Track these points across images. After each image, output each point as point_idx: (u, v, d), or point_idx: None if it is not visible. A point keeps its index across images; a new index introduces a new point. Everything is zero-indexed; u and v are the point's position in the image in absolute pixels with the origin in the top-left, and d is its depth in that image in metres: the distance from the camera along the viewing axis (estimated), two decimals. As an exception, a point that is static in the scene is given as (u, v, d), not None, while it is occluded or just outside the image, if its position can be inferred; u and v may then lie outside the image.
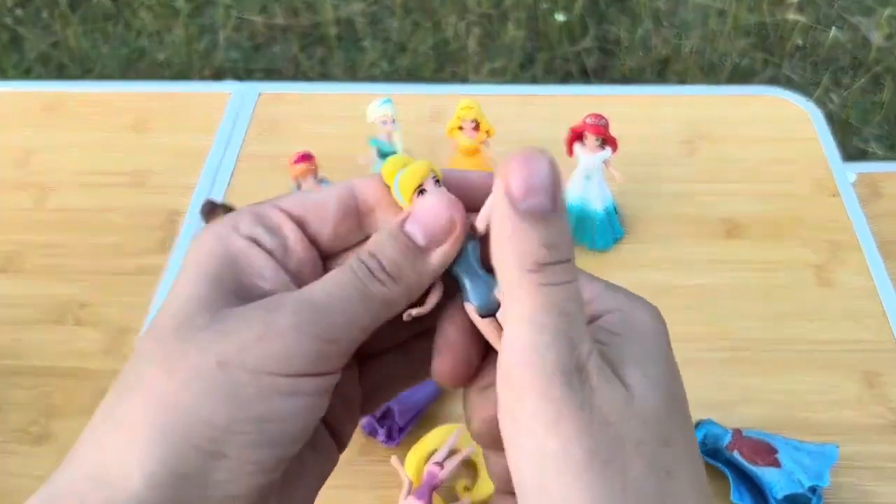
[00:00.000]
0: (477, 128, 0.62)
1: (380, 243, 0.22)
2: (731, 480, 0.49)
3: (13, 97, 0.81)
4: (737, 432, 0.50)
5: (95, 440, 0.20)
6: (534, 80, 1.59)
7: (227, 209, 0.54)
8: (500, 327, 0.23)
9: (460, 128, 0.62)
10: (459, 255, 0.23)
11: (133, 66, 1.61)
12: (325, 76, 1.58)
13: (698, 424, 0.51)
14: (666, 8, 1.69)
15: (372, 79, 1.57)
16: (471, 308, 0.23)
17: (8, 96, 0.82)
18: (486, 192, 0.22)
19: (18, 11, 1.72)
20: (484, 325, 0.23)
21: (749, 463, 0.49)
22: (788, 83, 1.53)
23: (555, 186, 0.20)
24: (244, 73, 1.60)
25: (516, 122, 0.76)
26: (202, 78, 1.57)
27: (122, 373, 0.21)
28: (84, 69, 1.60)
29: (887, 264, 0.63)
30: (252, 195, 0.69)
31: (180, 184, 0.71)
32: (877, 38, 1.59)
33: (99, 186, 0.72)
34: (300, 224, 0.23)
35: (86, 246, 0.67)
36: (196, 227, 0.67)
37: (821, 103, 1.48)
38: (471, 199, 0.23)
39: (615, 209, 0.65)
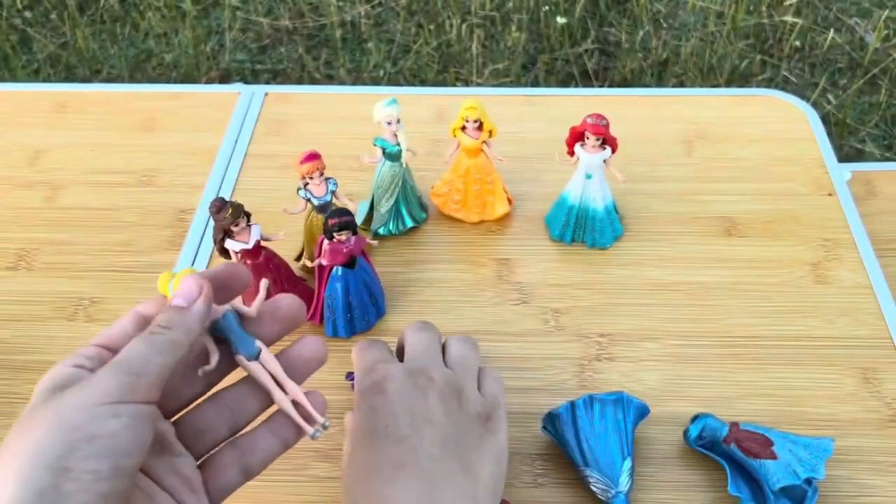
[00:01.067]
0: (480, 128, 0.63)
1: (155, 318, 0.35)
2: (728, 472, 0.50)
3: (23, 97, 0.83)
4: (734, 425, 0.51)
5: None
6: (535, 82, 1.60)
7: (236, 207, 0.55)
8: (264, 370, 0.38)
9: (463, 128, 0.63)
10: (225, 325, 0.38)
11: (141, 68, 1.62)
12: (330, 77, 1.59)
13: (696, 418, 0.52)
14: (665, 10, 1.70)
15: (376, 80, 1.58)
16: (240, 357, 0.38)
17: (18, 96, 0.83)
18: (230, 278, 0.38)
19: (27, 13, 1.73)
20: (250, 368, 0.39)
21: (746, 455, 0.50)
22: (786, 84, 1.54)
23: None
24: (250, 75, 1.61)
25: (518, 123, 0.77)
26: (209, 79, 1.59)
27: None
28: (92, 70, 1.61)
29: (882, 262, 0.64)
30: (260, 193, 0.70)
31: (189, 183, 0.72)
32: (874, 40, 1.61)
33: (108, 185, 0.73)
34: (109, 348, 0.35)
35: (96, 244, 0.68)
36: (205, 224, 0.68)
37: (818, 104, 1.49)
38: (227, 283, 0.38)
39: (615, 208, 0.66)
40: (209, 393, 0.39)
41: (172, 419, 0.38)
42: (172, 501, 0.35)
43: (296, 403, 0.39)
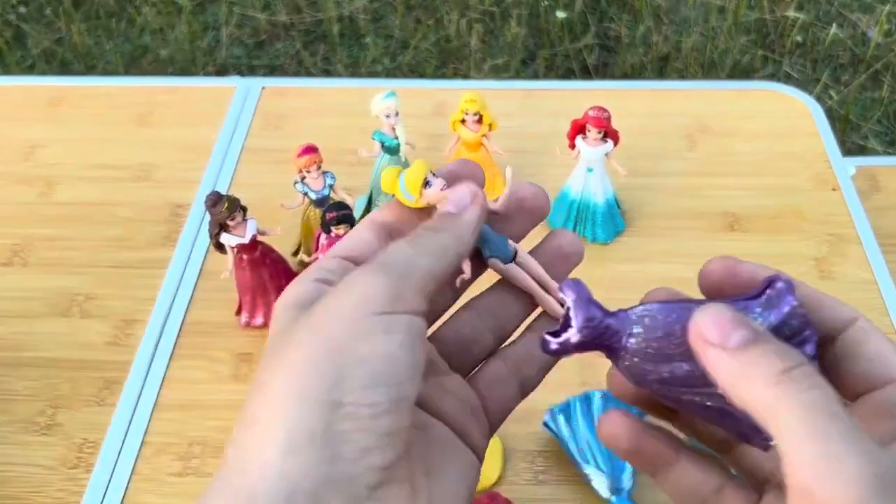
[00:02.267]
0: (480, 121, 0.62)
1: (421, 224, 0.27)
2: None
3: (18, 91, 0.82)
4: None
5: (236, 445, 0.23)
6: (535, 78, 1.59)
7: (232, 202, 0.54)
8: (521, 271, 0.29)
9: (463, 121, 0.63)
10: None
11: (136, 63, 1.61)
12: (327, 73, 1.59)
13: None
14: (666, 5, 1.69)
15: (374, 76, 1.57)
16: (493, 261, 0.29)
17: (13, 90, 0.82)
18: (468, 176, 0.28)
19: (22, 8, 1.72)
20: (508, 271, 0.29)
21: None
22: (788, 80, 1.53)
23: (742, 319, 0.22)
24: (247, 70, 1.60)
25: (518, 117, 0.76)
26: (205, 74, 1.58)
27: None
28: (87, 66, 1.60)
29: (887, 257, 0.63)
30: (256, 188, 0.70)
31: (185, 177, 0.72)
32: (876, 34, 1.60)
33: (104, 180, 0.72)
34: (351, 259, 0.27)
35: (91, 239, 0.67)
36: (201, 219, 0.68)
37: (820, 100, 1.49)
38: (458, 177, 0.28)
39: (617, 202, 0.66)
40: (460, 304, 0.31)
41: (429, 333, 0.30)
42: (451, 433, 0.27)
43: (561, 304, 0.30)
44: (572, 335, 0.24)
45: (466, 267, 0.29)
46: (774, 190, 0.69)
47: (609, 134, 0.61)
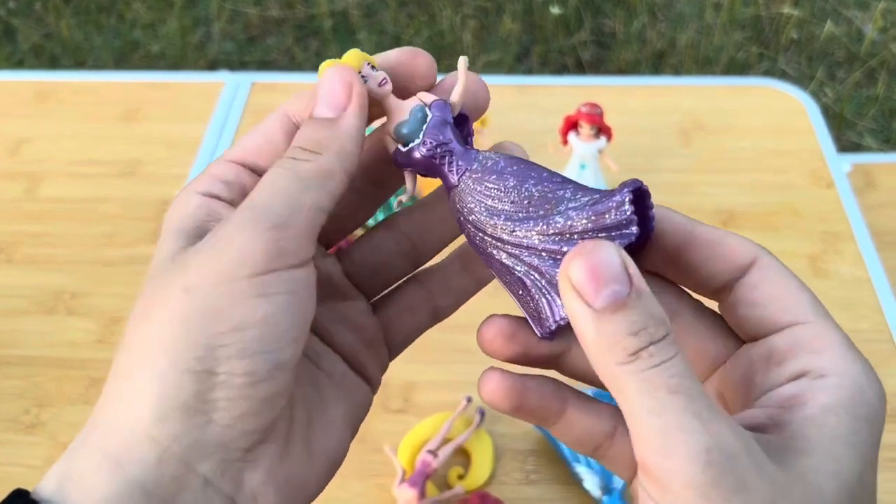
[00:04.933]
0: (472, 117, 0.62)
1: (297, 136, 0.24)
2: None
3: (5, 86, 0.81)
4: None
5: (105, 400, 0.22)
6: (529, 73, 1.59)
7: (220, 198, 0.53)
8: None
9: (455, 117, 0.62)
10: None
11: (127, 58, 1.60)
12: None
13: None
14: (661, 1, 1.69)
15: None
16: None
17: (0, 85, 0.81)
18: (416, 68, 0.25)
19: (11, 3, 1.70)
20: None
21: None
22: (783, 77, 1.53)
23: (625, 268, 0.20)
24: (238, 65, 1.59)
25: (511, 113, 0.75)
26: (196, 70, 1.57)
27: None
28: (77, 61, 1.59)
29: (882, 255, 0.63)
30: (245, 185, 0.69)
31: (173, 174, 0.71)
32: (871, 31, 1.60)
33: (91, 176, 0.71)
34: (252, 167, 0.24)
35: (77, 236, 0.66)
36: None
37: (815, 97, 1.48)
38: (407, 76, 0.25)
39: (610, 199, 0.65)
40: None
41: (333, 251, 0.28)
42: (343, 364, 0.26)
43: None
44: (417, 147, 0.24)
45: (410, 184, 0.25)
46: (769, 187, 0.69)
47: (602, 130, 0.60)
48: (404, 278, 0.28)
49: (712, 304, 0.25)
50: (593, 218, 0.21)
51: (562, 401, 0.24)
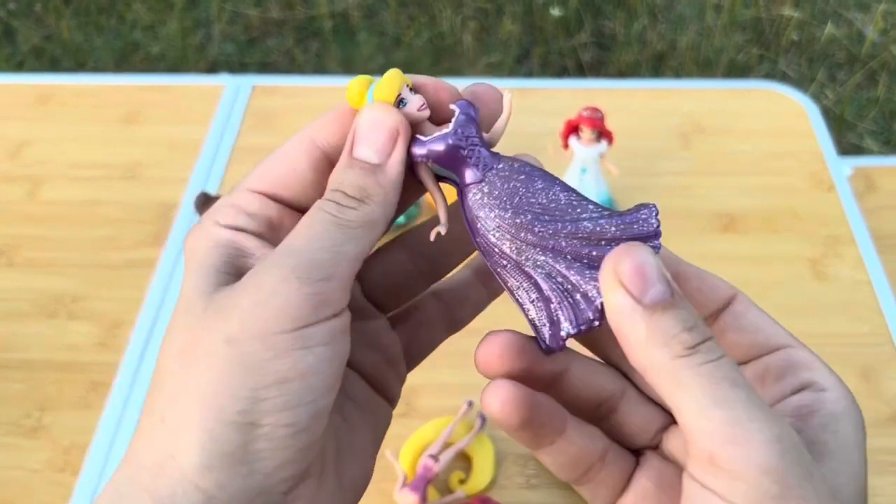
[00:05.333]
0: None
1: (338, 176, 0.23)
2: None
3: (5, 89, 0.81)
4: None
5: (146, 439, 0.21)
6: (530, 75, 1.59)
7: (222, 201, 0.53)
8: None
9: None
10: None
11: (127, 60, 1.60)
12: (320, 70, 1.58)
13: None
14: (662, 3, 1.69)
15: (367, 73, 1.56)
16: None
17: (0, 88, 0.81)
18: (454, 93, 0.24)
19: (11, 4, 1.70)
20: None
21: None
22: (784, 79, 1.53)
23: (666, 273, 0.20)
24: (239, 67, 1.59)
25: (512, 115, 0.75)
26: (196, 71, 1.57)
27: (154, 371, 0.22)
28: (77, 62, 1.59)
29: (882, 258, 0.63)
30: (246, 188, 0.69)
31: (174, 177, 0.71)
32: (871, 33, 1.60)
33: (92, 179, 0.71)
34: (276, 198, 0.23)
35: (78, 239, 0.66)
36: (190, 220, 0.67)
37: (816, 99, 1.49)
38: (444, 101, 0.24)
39: (611, 203, 0.65)
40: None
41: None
42: (366, 386, 0.25)
43: None
44: (439, 142, 0.23)
45: (443, 216, 0.24)
46: (770, 190, 0.69)
47: (603, 134, 0.60)
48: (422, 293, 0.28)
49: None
50: (622, 226, 0.22)
51: (563, 418, 0.23)
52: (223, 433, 0.20)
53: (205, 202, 0.53)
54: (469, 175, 0.23)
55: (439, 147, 0.23)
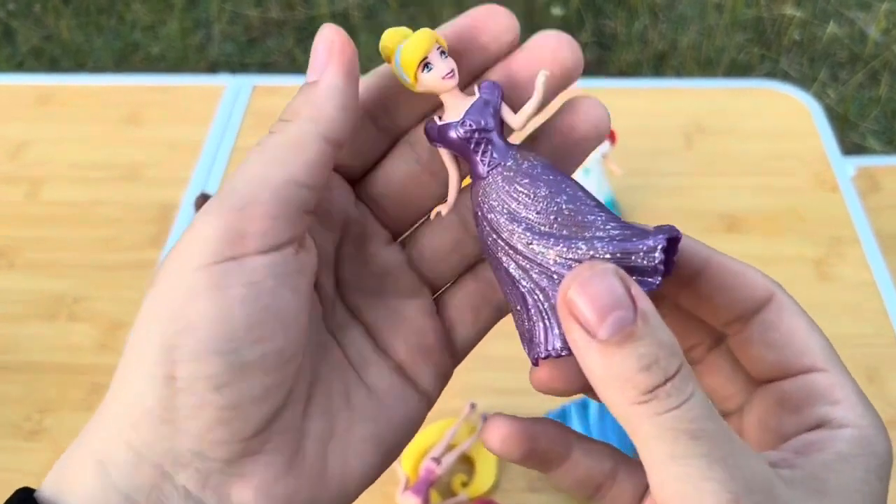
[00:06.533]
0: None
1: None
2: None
3: (5, 89, 0.80)
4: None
5: (107, 398, 0.21)
6: (530, 75, 1.58)
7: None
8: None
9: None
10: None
11: (127, 60, 1.60)
12: (320, 70, 1.57)
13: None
14: (663, 2, 1.68)
15: (368, 73, 1.56)
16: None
17: (0, 89, 0.81)
18: (491, 49, 0.22)
19: (11, 5, 1.70)
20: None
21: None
22: (785, 78, 1.53)
23: (627, 290, 0.18)
24: (239, 67, 1.59)
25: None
26: (197, 71, 1.56)
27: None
28: (77, 63, 1.59)
29: (887, 259, 0.62)
30: (247, 189, 0.69)
31: (174, 177, 0.71)
32: (874, 32, 1.59)
33: (92, 180, 0.71)
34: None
35: (79, 240, 0.66)
36: (190, 221, 0.66)
37: (818, 98, 1.48)
38: (478, 59, 0.23)
39: (614, 203, 0.65)
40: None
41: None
42: (394, 375, 0.24)
43: None
44: (455, 125, 0.22)
45: (452, 196, 0.23)
46: (773, 190, 0.68)
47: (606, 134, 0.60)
48: (463, 272, 0.25)
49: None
50: (619, 255, 0.20)
51: (566, 444, 0.22)
52: (143, 386, 0.19)
53: (204, 203, 0.53)
54: (475, 169, 0.22)
55: (447, 134, 0.22)
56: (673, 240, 0.20)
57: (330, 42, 0.21)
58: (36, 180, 0.71)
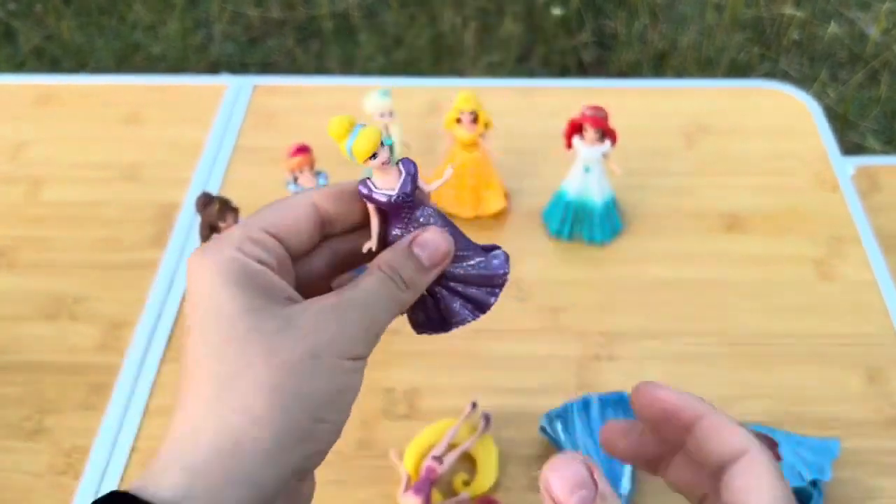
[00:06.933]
0: (475, 120, 0.61)
1: (398, 261, 0.29)
2: (732, 475, 0.49)
3: (5, 89, 0.80)
4: (737, 427, 0.50)
5: (219, 416, 0.25)
6: (531, 75, 1.58)
7: (223, 203, 0.53)
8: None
9: (458, 120, 0.62)
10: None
11: (128, 60, 1.60)
12: (320, 70, 1.57)
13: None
14: (663, 2, 1.68)
15: (368, 73, 1.56)
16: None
17: (0, 88, 0.81)
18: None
19: (12, 5, 1.70)
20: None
21: (750, 457, 0.48)
22: (785, 78, 1.53)
23: (592, 477, 0.25)
24: (239, 67, 1.59)
25: (514, 116, 0.75)
26: (197, 71, 1.56)
27: (191, 363, 0.26)
28: (78, 63, 1.59)
29: (887, 258, 0.63)
30: (248, 188, 0.68)
31: (175, 177, 0.71)
32: (874, 32, 1.59)
33: (93, 180, 0.71)
34: (281, 241, 0.29)
35: (79, 240, 0.66)
36: (191, 220, 0.67)
37: (818, 98, 1.48)
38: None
39: (614, 202, 0.65)
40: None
41: None
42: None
43: None
44: (381, 196, 0.30)
45: (374, 238, 0.31)
46: (773, 190, 0.68)
47: (607, 133, 0.60)
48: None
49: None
50: (486, 275, 0.31)
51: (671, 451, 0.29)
52: (301, 423, 0.26)
53: (207, 203, 0.53)
54: (393, 222, 0.31)
55: (380, 199, 0.30)
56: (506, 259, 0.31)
57: (448, 253, 0.31)
58: (36, 180, 0.71)
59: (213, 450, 0.24)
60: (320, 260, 0.31)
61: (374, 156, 0.29)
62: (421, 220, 0.30)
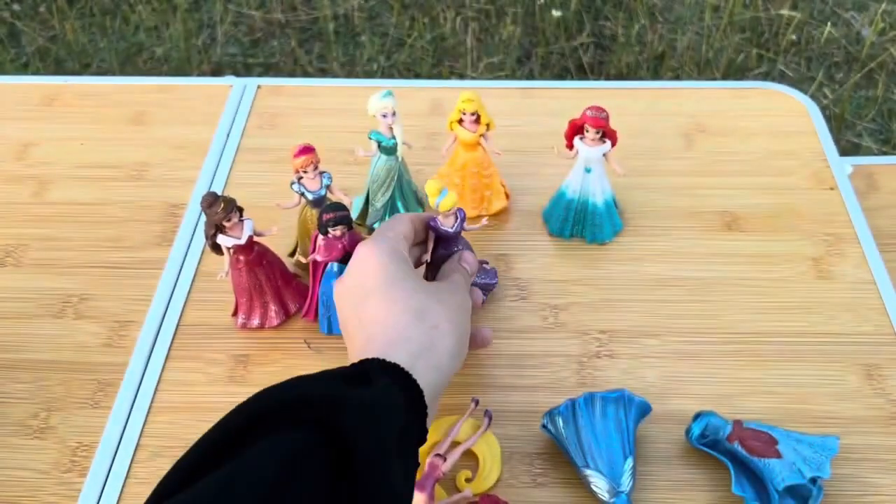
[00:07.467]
0: (478, 121, 0.62)
1: (473, 263, 0.53)
2: (731, 472, 0.49)
3: (11, 90, 0.81)
4: (737, 423, 0.50)
5: (422, 331, 0.44)
6: (530, 76, 1.59)
7: (228, 202, 0.54)
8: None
9: (460, 121, 0.62)
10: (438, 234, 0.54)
11: (131, 61, 1.60)
12: (322, 71, 1.58)
13: (699, 416, 0.51)
14: (661, 4, 1.69)
15: (369, 74, 1.56)
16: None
17: (6, 89, 0.81)
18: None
19: (16, 6, 1.71)
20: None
21: (750, 454, 0.49)
22: (783, 79, 1.53)
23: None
24: (242, 68, 1.59)
25: (516, 116, 0.76)
26: (200, 73, 1.57)
27: (384, 305, 0.45)
28: (82, 64, 1.59)
29: (885, 257, 0.63)
30: (253, 188, 0.69)
31: (180, 177, 0.71)
32: (870, 33, 1.60)
33: (98, 180, 0.71)
34: (406, 237, 0.50)
35: (85, 239, 0.66)
36: (197, 220, 0.67)
37: (815, 99, 1.49)
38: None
39: (615, 202, 0.65)
40: None
41: None
42: None
43: None
44: (443, 230, 0.53)
45: (429, 253, 0.54)
46: (771, 189, 0.69)
47: (607, 134, 0.61)
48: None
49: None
50: (487, 283, 0.51)
51: None
52: (463, 331, 0.46)
53: (212, 202, 0.53)
54: (443, 245, 0.54)
55: (443, 230, 0.52)
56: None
57: (476, 271, 0.55)
58: (42, 180, 0.71)
59: (422, 347, 0.42)
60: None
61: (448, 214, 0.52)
62: (459, 246, 0.53)
